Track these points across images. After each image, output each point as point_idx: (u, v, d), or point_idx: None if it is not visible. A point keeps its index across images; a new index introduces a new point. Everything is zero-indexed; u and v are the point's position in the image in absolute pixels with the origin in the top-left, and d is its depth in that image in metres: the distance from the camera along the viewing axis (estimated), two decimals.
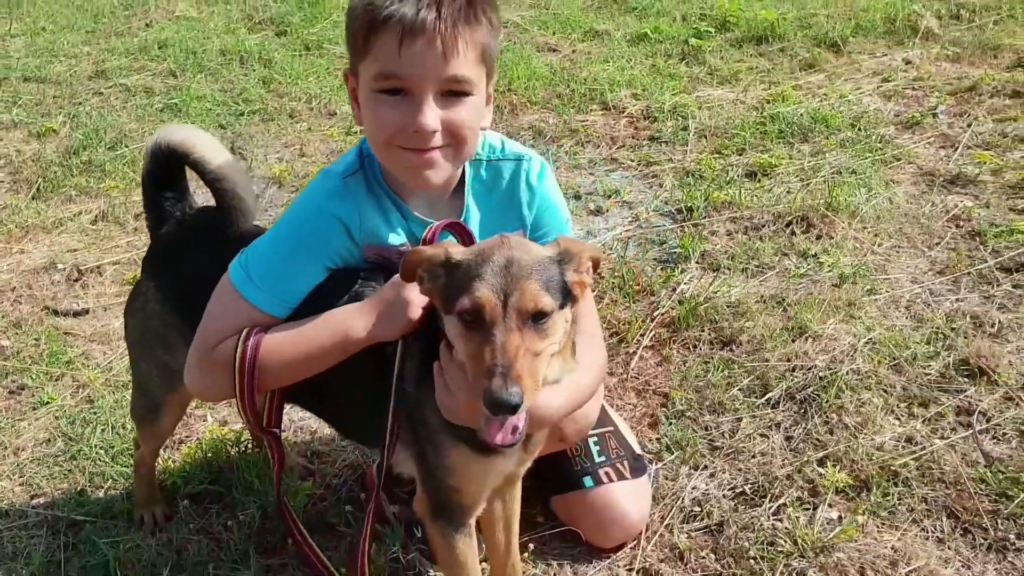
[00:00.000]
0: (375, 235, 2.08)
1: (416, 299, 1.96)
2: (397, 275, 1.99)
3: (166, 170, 2.27)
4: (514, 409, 1.59)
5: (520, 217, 2.11)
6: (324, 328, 1.98)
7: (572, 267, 1.78)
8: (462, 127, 1.94)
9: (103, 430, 2.91)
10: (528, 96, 5.19)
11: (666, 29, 5.95)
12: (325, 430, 2.90)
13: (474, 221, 2.14)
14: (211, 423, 2.92)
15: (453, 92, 1.92)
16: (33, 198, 4.37)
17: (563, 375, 1.91)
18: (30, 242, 4.01)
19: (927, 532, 2.53)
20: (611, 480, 2.44)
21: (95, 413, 2.98)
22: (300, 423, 2.96)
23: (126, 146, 4.78)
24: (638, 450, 2.62)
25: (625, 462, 2.49)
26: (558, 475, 2.41)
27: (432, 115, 1.89)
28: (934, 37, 5.72)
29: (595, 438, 2.50)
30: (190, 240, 2.26)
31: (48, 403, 3.03)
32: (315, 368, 2.01)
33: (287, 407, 2.30)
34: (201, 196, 2.36)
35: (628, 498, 2.44)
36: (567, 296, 1.76)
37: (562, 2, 6.56)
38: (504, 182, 2.17)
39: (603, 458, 2.47)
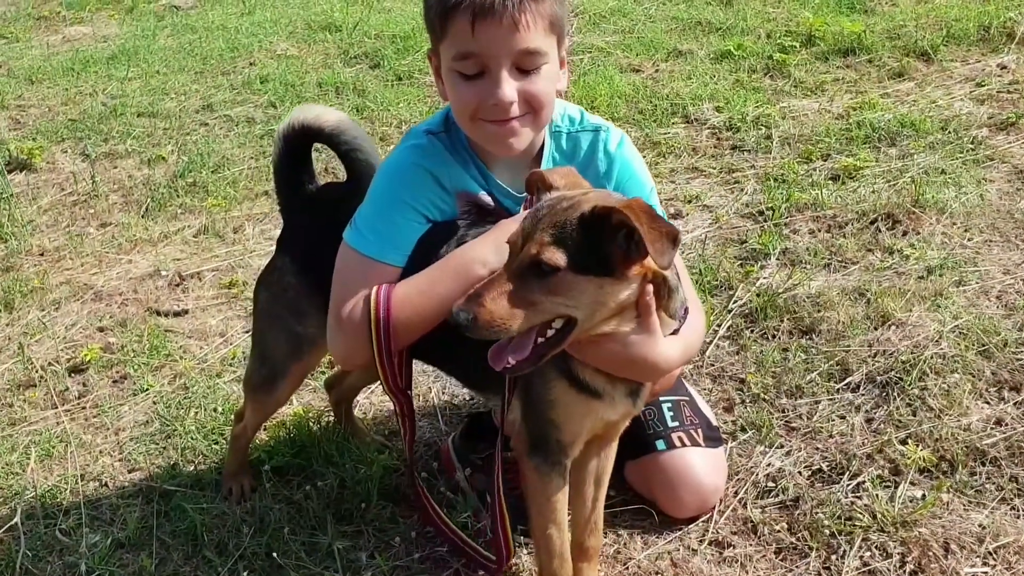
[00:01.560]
0: (464, 183, 2.21)
1: None
2: (519, 214, 2.11)
3: (296, 152, 2.43)
4: (457, 328, 1.72)
5: (599, 186, 2.18)
6: (447, 270, 2.08)
7: (608, 233, 1.75)
8: (538, 95, 2.07)
9: (197, 412, 3.06)
10: (611, 113, 5.26)
11: (750, 46, 5.95)
12: None
13: None
14: (296, 407, 3.04)
15: (526, 67, 2.04)
16: (142, 216, 4.65)
17: (669, 329, 1.96)
18: (137, 253, 4.27)
19: (1017, 511, 2.43)
20: (684, 444, 2.42)
21: (189, 399, 3.14)
22: (381, 406, 3.05)
23: (227, 169, 5.06)
24: (714, 422, 2.61)
25: (700, 430, 2.47)
26: (631, 440, 2.39)
27: (509, 88, 2.02)
28: None
29: (668, 403, 2.49)
30: (320, 215, 2.41)
31: (147, 390, 3.22)
32: (444, 312, 2.02)
33: None
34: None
35: (701, 464, 2.43)
36: (601, 264, 1.75)
37: (646, 27, 6.63)
38: (582, 152, 2.27)
39: (676, 423, 2.46)
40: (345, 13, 7.62)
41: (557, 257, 1.72)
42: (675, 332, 1.99)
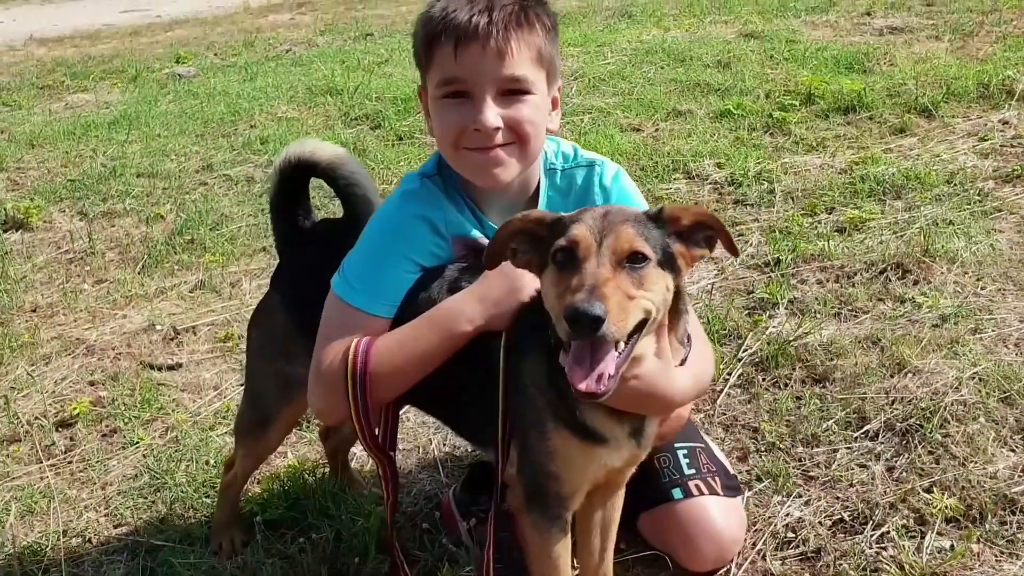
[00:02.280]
0: (460, 228, 2.13)
1: (527, 282, 1.96)
2: (503, 264, 2.00)
3: (292, 187, 2.36)
4: (595, 322, 1.52)
5: None
6: (429, 325, 2.00)
7: (673, 230, 1.75)
8: (522, 123, 2.00)
9: (188, 465, 2.94)
10: None
11: (749, 105, 5.97)
12: (401, 463, 2.86)
13: None
14: (291, 459, 2.92)
15: (512, 91, 1.99)
16: (138, 272, 4.58)
17: (679, 358, 1.87)
18: (132, 308, 4.19)
19: None
20: (701, 493, 2.30)
21: (180, 452, 3.02)
22: None
23: (226, 226, 5.01)
24: (731, 470, 2.49)
25: (717, 478, 2.35)
26: (645, 489, 2.28)
27: (492, 113, 1.96)
28: None
29: (684, 451, 2.37)
30: (313, 252, 2.34)
31: (137, 443, 3.10)
32: (426, 367, 2.01)
33: None
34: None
35: (720, 514, 2.29)
36: (669, 261, 1.73)
37: (645, 89, 6.67)
38: (578, 187, 2.21)
39: (693, 471, 2.33)
40: (346, 78, 7.70)
41: (647, 248, 1.67)
42: (682, 361, 1.89)
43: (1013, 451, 2.68)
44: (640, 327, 1.67)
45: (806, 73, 6.32)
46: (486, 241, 2.14)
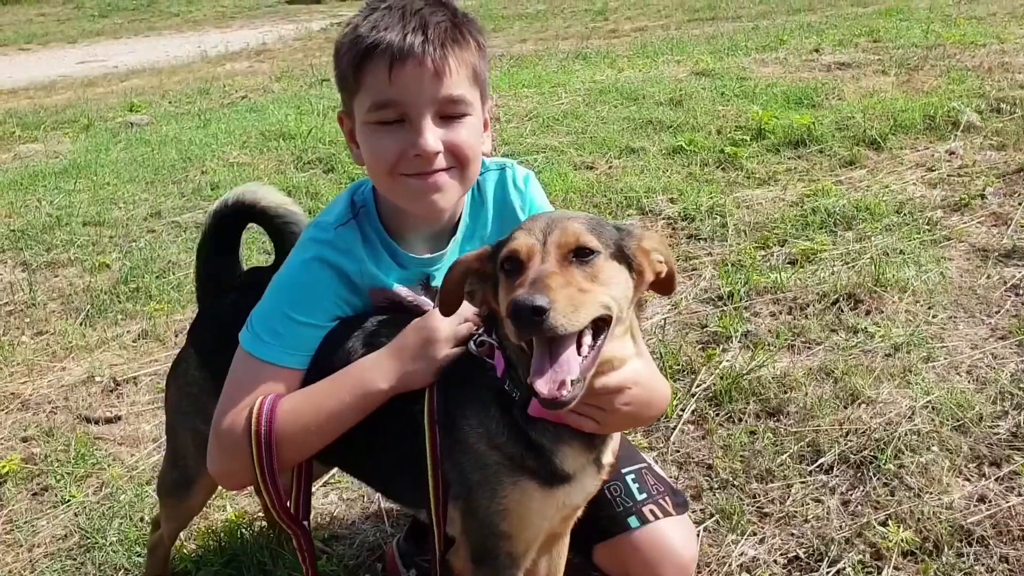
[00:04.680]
0: (375, 281, 2.03)
1: (444, 335, 1.88)
2: (417, 319, 1.93)
3: (227, 231, 2.26)
4: (537, 312, 1.44)
5: (518, 221, 2.04)
6: (342, 384, 1.89)
7: (632, 241, 1.70)
8: (463, 147, 1.92)
9: (121, 523, 2.81)
10: (565, 208, 5.21)
11: (701, 141, 5.99)
12: (344, 513, 2.75)
13: (474, 241, 2.10)
14: (230, 512, 2.79)
15: (450, 114, 1.91)
16: (80, 323, 4.44)
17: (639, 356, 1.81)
18: (71, 360, 4.05)
19: None
20: (656, 517, 2.20)
21: (114, 509, 2.89)
22: (321, 508, 2.82)
23: (172, 273, 4.89)
24: (675, 487, 2.41)
25: (667, 498, 2.26)
26: (599, 521, 2.18)
27: (432, 136, 1.87)
28: (976, 130, 5.65)
29: (632, 475, 2.28)
30: (233, 303, 2.20)
31: (69, 501, 2.96)
32: (338, 429, 1.90)
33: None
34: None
35: (678, 535, 2.20)
36: (625, 257, 1.68)
37: (598, 127, 6.69)
38: (493, 192, 2.14)
39: (644, 495, 2.24)
40: (299, 122, 7.64)
41: (594, 241, 1.61)
42: None
43: (968, 480, 2.64)
44: (604, 324, 1.60)
45: (757, 109, 6.37)
46: (404, 292, 2.06)
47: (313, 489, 2.78)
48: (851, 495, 2.61)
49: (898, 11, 10.39)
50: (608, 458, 1.91)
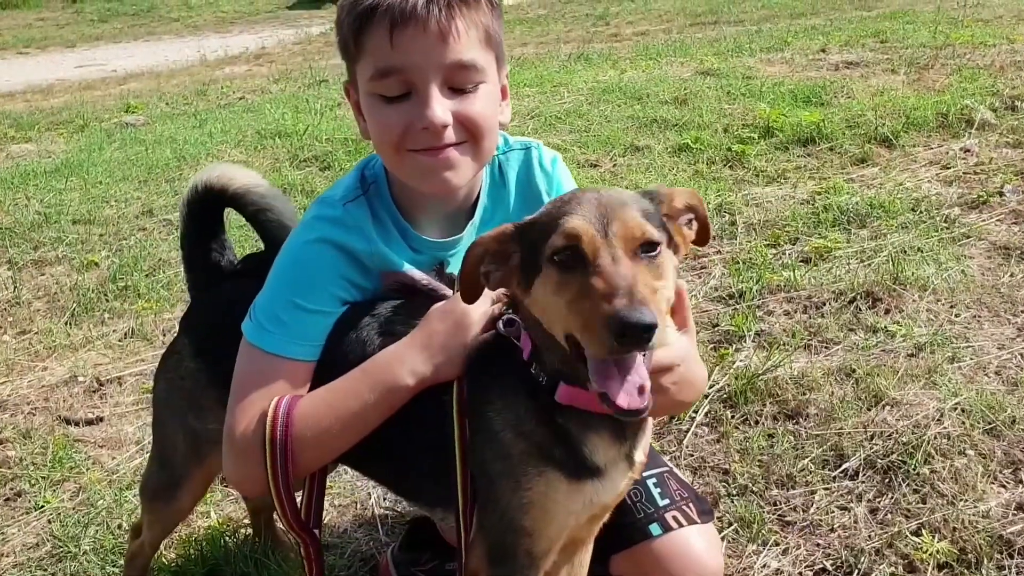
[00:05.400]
0: (386, 263, 1.86)
1: (474, 318, 1.72)
2: (442, 303, 1.76)
3: (204, 217, 2.09)
4: (648, 330, 1.31)
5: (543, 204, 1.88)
6: (364, 380, 1.72)
7: (665, 210, 1.57)
8: (476, 118, 1.74)
9: (97, 530, 2.63)
10: None
11: (708, 139, 5.83)
12: (336, 520, 2.58)
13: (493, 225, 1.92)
14: (215, 518, 2.62)
15: (461, 82, 1.73)
16: (66, 323, 4.27)
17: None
18: (54, 360, 3.88)
19: None
20: (680, 525, 2.02)
21: (90, 515, 2.71)
22: None
23: (162, 272, 4.72)
24: (699, 492, 2.23)
25: (691, 504, 2.08)
26: (619, 528, 2.00)
27: (440, 107, 1.70)
28: (991, 127, 5.49)
29: (654, 479, 2.10)
30: (230, 291, 2.05)
31: (43, 507, 2.78)
32: (361, 430, 1.74)
33: None
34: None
35: (702, 544, 2.02)
36: (670, 241, 1.55)
37: (602, 126, 6.53)
38: (516, 173, 1.97)
39: (667, 501, 2.06)
40: (296, 121, 7.48)
41: (656, 232, 1.47)
42: None
43: (1004, 487, 2.47)
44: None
45: (764, 106, 6.21)
46: (417, 275, 1.90)
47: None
48: (879, 502, 2.44)
49: (904, 14, 10.24)
50: (640, 456, 1.74)
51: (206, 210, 2.09)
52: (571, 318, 1.42)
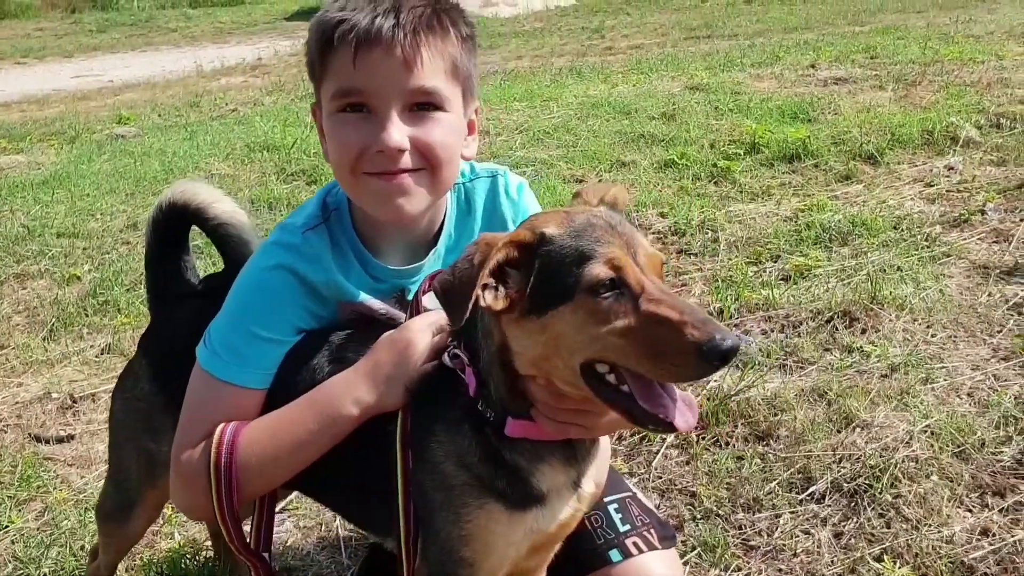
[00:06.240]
0: (343, 293, 1.86)
1: (420, 348, 1.70)
2: (390, 332, 1.75)
3: (168, 235, 2.11)
4: (737, 352, 1.36)
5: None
6: (309, 409, 1.72)
7: None
8: (435, 146, 1.74)
9: (59, 551, 2.61)
10: None
11: (694, 155, 5.83)
12: (300, 542, 2.56)
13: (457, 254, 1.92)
14: (178, 539, 2.60)
15: (422, 106, 1.74)
16: (44, 339, 4.26)
17: None
18: (30, 376, 3.87)
19: None
20: (640, 551, 1.99)
21: (53, 535, 2.69)
22: (275, 536, 2.62)
23: (143, 286, 4.71)
24: (661, 517, 2.21)
25: (653, 530, 2.06)
26: (579, 555, 1.98)
27: (398, 132, 1.70)
28: (975, 145, 5.49)
29: (615, 505, 2.08)
30: (189, 311, 2.04)
31: (7, 527, 2.76)
32: (306, 459, 1.73)
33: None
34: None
35: (662, 570, 1.99)
36: None
37: (589, 141, 6.53)
38: (481, 201, 1.97)
39: (628, 526, 2.04)
40: (283, 134, 7.49)
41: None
42: None
43: (970, 511, 2.46)
44: None
45: (750, 123, 6.21)
46: (376, 304, 1.89)
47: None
48: (844, 527, 2.43)
49: (896, 30, 10.27)
50: (589, 485, 1.74)
51: (171, 228, 2.09)
52: (619, 346, 1.41)
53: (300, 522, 2.67)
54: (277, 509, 2.63)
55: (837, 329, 3.53)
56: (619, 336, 1.41)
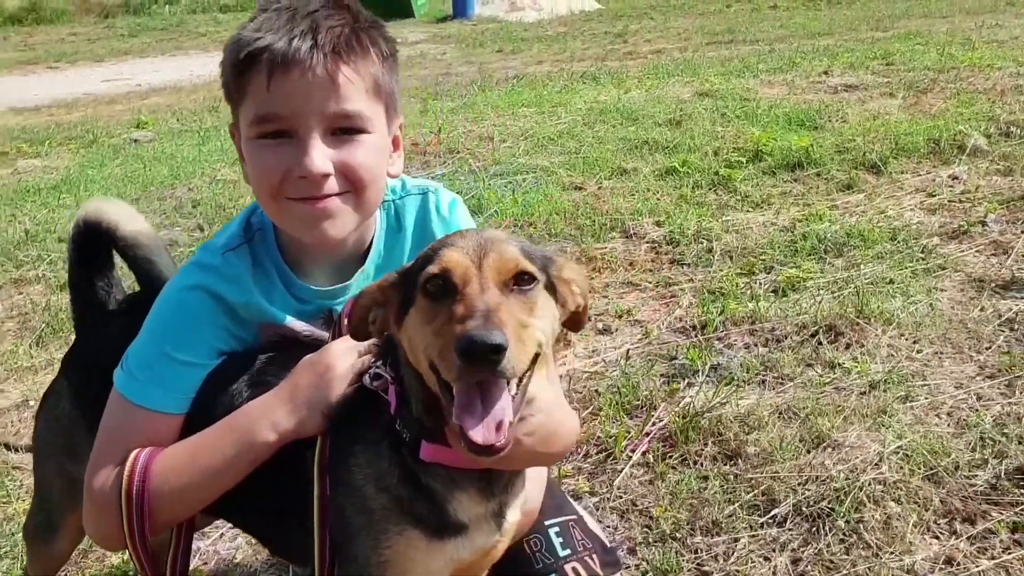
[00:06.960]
0: (264, 315, 1.82)
1: (341, 371, 1.67)
2: (310, 355, 1.72)
3: (88, 253, 2.06)
4: (496, 351, 1.27)
5: None
6: (225, 435, 1.68)
7: (554, 270, 1.54)
8: (358, 169, 1.70)
9: (10, 565, 2.60)
10: (548, 229, 4.99)
11: (696, 163, 5.75)
12: (249, 559, 2.53)
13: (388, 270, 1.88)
14: (114, 559, 2.58)
15: (344, 130, 1.69)
16: (31, 345, 4.28)
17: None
18: (12, 383, 3.88)
19: None
20: None
21: (3, 549, 2.68)
22: (225, 553, 2.60)
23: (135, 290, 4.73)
24: (607, 543, 2.15)
25: (595, 556, 1.99)
26: None
27: (320, 156, 1.65)
28: (982, 154, 5.35)
29: (556, 528, 2.02)
30: (112, 332, 1.99)
31: None
32: (222, 485, 1.69)
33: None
34: None
35: None
36: (552, 287, 1.53)
37: (592, 147, 6.47)
38: (412, 219, 1.92)
39: (568, 551, 1.97)
40: None
41: (532, 267, 1.45)
42: None
43: (937, 537, 2.37)
44: (532, 363, 1.43)
45: (756, 130, 6.12)
46: (299, 326, 1.85)
47: (215, 532, 2.59)
48: (803, 552, 2.35)
49: (917, 34, 10.10)
50: (514, 515, 1.69)
51: (88, 247, 2.04)
52: (433, 345, 1.39)
53: (252, 539, 2.64)
54: (227, 525, 2.61)
55: (821, 344, 3.44)
56: (435, 336, 1.38)
